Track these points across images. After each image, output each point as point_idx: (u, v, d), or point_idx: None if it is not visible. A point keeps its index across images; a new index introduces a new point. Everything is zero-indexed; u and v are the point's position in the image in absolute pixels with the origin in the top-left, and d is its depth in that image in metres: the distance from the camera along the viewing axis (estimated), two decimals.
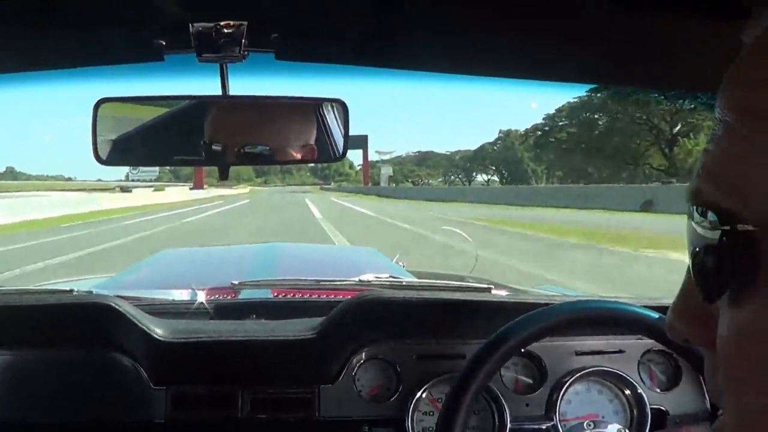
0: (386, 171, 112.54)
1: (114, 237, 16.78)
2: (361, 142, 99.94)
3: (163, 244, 11.19)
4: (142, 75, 1.19)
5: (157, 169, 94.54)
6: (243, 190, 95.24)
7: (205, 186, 74.90)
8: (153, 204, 39.56)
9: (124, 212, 29.14)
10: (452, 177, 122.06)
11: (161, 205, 37.83)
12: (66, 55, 1.14)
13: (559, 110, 64.57)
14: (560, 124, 65.93)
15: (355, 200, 48.08)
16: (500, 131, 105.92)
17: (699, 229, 0.42)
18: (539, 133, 69.79)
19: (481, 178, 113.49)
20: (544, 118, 67.53)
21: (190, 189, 70.81)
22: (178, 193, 58.42)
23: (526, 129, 75.88)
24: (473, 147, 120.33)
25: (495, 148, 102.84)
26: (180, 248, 4.10)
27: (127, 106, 1.19)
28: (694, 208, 0.43)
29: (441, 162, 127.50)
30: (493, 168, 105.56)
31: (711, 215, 0.40)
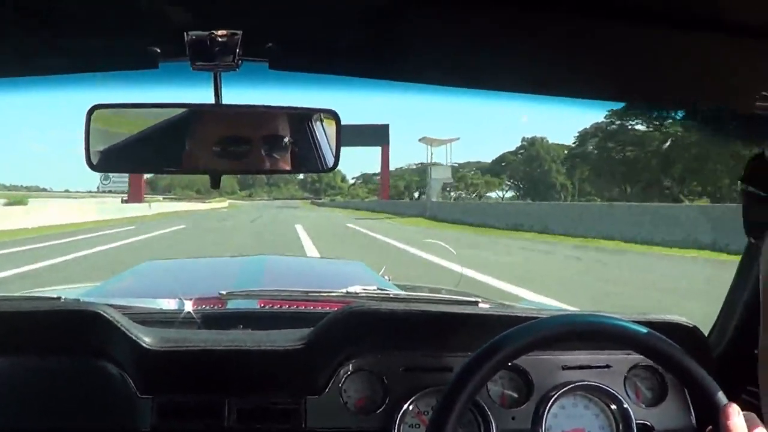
0: (441, 175, 58.61)
1: None
2: (379, 135, 69.48)
3: None
4: (136, 82, 1.19)
5: (128, 178, 79.98)
6: (219, 204, 77.81)
7: (145, 198, 60.23)
8: None
9: None
10: (454, 192, 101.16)
11: None
12: (60, 62, 1.14)
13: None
14: (630, 124, 51.35)
15: (390, 228, 27.46)
16: (523, 139, 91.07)
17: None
18: (600, 135, 56.08)
19: (493, 194, 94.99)
20: (607, 116, 52.31)
21: (123, 202, 55.48)
22: (81, 208, 36.21)
23: (585, 129, 60.43)
24: (485, 158, 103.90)
25: (516, 158, 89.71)
26: (167, 259, 4.09)
27: (121, 113, 1.19)
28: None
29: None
30: (510, 182, 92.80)
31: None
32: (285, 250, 15.86)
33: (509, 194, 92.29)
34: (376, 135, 68.45)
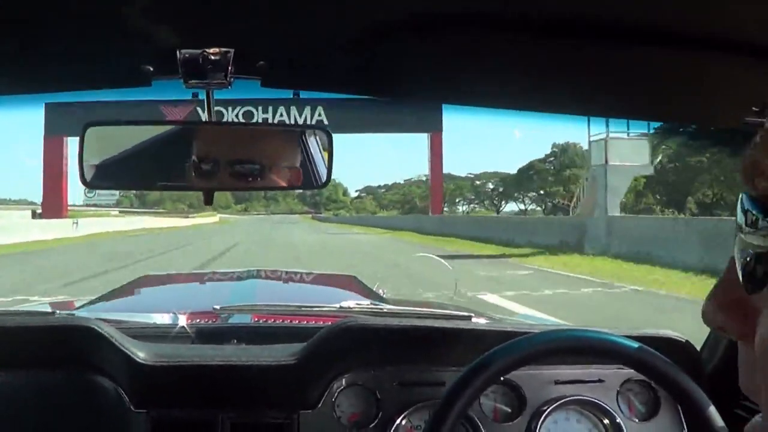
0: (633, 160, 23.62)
1: None
2: (427, 116, 40.65)
3: None
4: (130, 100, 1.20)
5: (116, 191, 72.99)
6: (206, 219, 67.19)
7: (66, 214, 39.41)
8: None
9: None
10: (472, 206, 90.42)
11: None
12: (54, 79, 1.15)
13: None
14: None
15: None
16: (554, 145, 75.82)
17: (748, 238, 0.46)
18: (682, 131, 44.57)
19: (513, 207, 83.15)
20: None
21: (37, 216, 39.76)
22: None
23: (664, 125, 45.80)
24: (506, 169, 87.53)
25: (545, 167, 75.64)
26: (161, 273, 4.09)
27: (114, 130, 1.20)
28: (744, 218, 0.47)
29: (466, 186, 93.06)
30: (534, 194, 79.08)
31: (760, 221, 0.45)
32: None
33: (533, 206, 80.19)
34: (424, 115, 41.40)
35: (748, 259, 0.47)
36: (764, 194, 0.46)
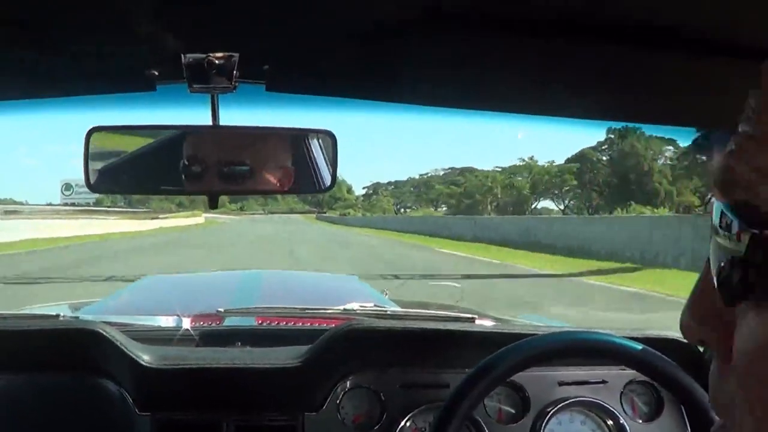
0: None
1: None
2: None
3: None
4: (134, 104, 1.20)
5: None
6: (187, 221, 56.95)
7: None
8: None
9: None
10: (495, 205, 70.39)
11: None
12: (58, 84, 1.15)
13: None
14: None
15: None
16: (610, 131, 58.53)
17: (723, 242, 0.42)
18: None
19: (548, 204, 69.06)
20: None
21: None
22: None
23: None
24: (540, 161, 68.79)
25: (598, 156, 62.12)
26: (166, 275, 4.10)
27: (119, 134, 1.20)
28: (719, 221, 0.42)
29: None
30: (579, 190, 64.68)
31: (735, 225, 0.40)
32: None
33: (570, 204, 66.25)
34: None
35: (722, 264, 0.42)
36: (740, 204, 0.41)
